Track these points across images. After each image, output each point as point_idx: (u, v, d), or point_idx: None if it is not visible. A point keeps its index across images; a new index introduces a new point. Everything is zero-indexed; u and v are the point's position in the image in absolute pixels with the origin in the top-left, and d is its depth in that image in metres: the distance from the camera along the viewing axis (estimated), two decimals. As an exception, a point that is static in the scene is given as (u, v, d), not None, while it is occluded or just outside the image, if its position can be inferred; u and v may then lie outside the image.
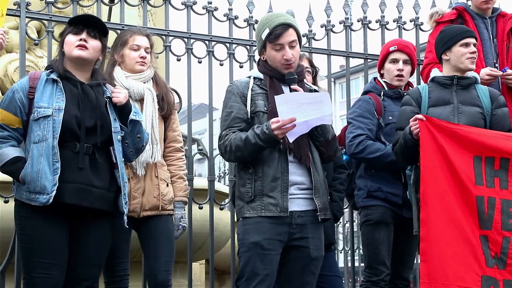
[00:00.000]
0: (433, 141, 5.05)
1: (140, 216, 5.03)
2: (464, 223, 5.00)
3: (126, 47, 5.17)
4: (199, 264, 8.83)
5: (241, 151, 4.63)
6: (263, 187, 4.64)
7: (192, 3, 6.07)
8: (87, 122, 4.52)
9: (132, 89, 5.09)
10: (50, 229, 4.43)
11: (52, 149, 4.41)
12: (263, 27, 4.75)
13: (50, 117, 4.46)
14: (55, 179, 4.38)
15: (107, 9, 6.62)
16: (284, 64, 4.72)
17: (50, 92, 4.52)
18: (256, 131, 4.58)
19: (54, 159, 4.41)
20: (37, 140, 4.45)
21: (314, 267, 4.73)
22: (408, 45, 5.86)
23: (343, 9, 6.64)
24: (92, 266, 4.55)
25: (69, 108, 4.49)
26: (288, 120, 4.51)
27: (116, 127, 4.61)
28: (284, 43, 4.70)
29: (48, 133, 4.44)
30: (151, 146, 5.05)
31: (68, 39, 4.60)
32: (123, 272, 5.04)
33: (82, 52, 4.58)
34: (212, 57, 6.12)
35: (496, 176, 5.07)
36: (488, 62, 6.02)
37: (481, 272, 4.96)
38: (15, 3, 5.59)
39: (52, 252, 4.42)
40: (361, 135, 5.56)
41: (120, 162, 4.60)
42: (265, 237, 4.61)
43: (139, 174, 5.03)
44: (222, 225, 7.18)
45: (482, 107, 5.31)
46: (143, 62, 5.16)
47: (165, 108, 5.21)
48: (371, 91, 5.78)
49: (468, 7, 6.22)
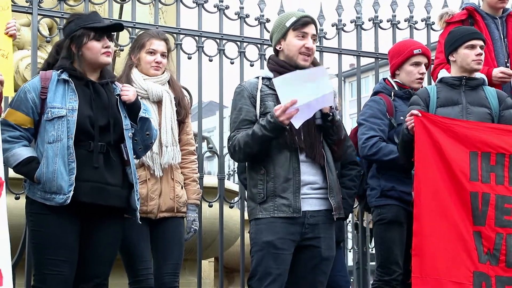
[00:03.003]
0: (427, 136, 5.07)
1: (157, 217, 5.06)
2: (457, 219, 5.02)
3: (143, 50, 5.18)
4: (208, 262, 8.84)
5: (250, 146, 4.64)
6: (275, 188, 4.65)
7: (204, 2, 6.08)
8: (100, 121, 4.54)
9: (150, 91, 5.12)
10: (62, 227, 4.44)
11: (67, 149, 4.44)
12: (288, 16, 4.83)
13: (64, 117, 4.48)
14: (72, 179, 4.41)
15: (119, 7, 6.63)
16: (303, 52, 4.74)
17: (63, 93, 4.54)
18: (262, 122, 4.59)
19: (69, 159, 4.43)
20: (52, 140, 4.47)
21: (325, 267, 4.74)
22: (428, 49, 5.89)
23: (354, 8, 6.64)
24: (103, 263, 4.56)
25: (82, 108, 4.52)
26: (290, 103, 4.50)
27: (127, 125, 4.64)
28: (308, 32, 4.77)
29: (63, 133, 4.46)
30: (172, 148, 5.10)
31: (93, 45, 4.60)
32: (146, 271, 5.03)
33: (109, 58, 4.65)
34: (223, 56, 6.14)
35: (492, 171, 5.08)
36: (499, 61, 6.01)
37: (473, 268, 4.97)
38: (27, 1, 5.61)
39: (64, 249, 4.43)
40: (374, 136, 5.54)
41: (132, 159, 4.63)
42: (278, 237, 4.62)
43: (157, 175, 5.06)
44: (232, 223, 7.20)
45: (490, 108, 5.33)
46: (158, 66, 5.19)
47: (181, 113, 5.24)
48: (381, 92, 5.77)
49: (478, 7, 6.21)
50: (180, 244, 5.13)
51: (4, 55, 4.67)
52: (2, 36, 4.73)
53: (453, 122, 5.13)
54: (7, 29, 4.74)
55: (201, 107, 6.13)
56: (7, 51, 4.70)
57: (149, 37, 5.21)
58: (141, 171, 5.04)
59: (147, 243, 5.07)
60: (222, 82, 6.12)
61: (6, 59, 4.67)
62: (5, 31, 4.74)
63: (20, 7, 5.56)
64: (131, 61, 5.23)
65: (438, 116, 5.17)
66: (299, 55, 4.75)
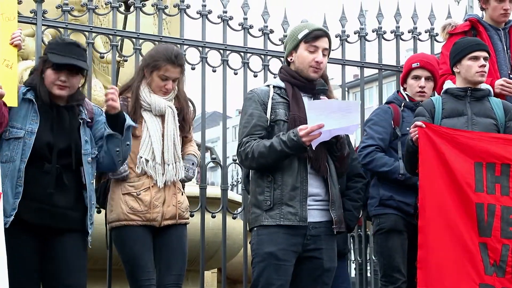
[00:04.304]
0: (432, 148, 5.07)
1: (161, 225, 5.05)
2: (463, 231, 5.01)
3: (156, 72, 5.13)
4: (211, 272, 8.82)
5: (265, 157, 4.64)
6: (282, 196, 4.65)
7: (207, 12, 6.09)
8: (60, 144, 4.56)
9: (154, 105, 5.11)
10: (19, 250, 4.42)
11: (17, 172, 4.45)
12: (302, 28, 4.84)
13: (21, 139, 4.49)
14: (16, 203, 4.42)
15: (123, 17, 6.64)
16: (313, 66, 4.76)
17: (25, 113, 4.57)
18: (283, 138, 4.60)
19: (18, 183, 4.45)
20: (4, 160, 4.48)
21: (327, 278, 4.74)
22: (430, 61, 5.87)
23: (358, 19, 6.64)
24: (70, 271, 4.55)
25: (41, 131, 4.53)
26: (317, 127, 4.53)
27: (86, 149, 4.66)
28: (319, 46, 4.79)
29: (17, 155, 4.47)
30: (174, 166, 5.09)
31: (48, 74, 4.63)
32: (148, 282, 5.00)
33: (61, 91, 4.64)
34: (226, 66, 6.14)
35: (497, 182, 5.08)
36: (502, 73, 6.01)
37: (479, 280, 4.96)
38: (31, 11, 5.62)
39: (25, 271, 4.44)
40: (371, 146, 5.59)
41: (89, 184, 4.66)
42: (280, 248, 4.62)
43: (160, 186, 5.05)
44: (235, 234, 7.18)
45: (496, 119, 5.32)
46: (167, 92, 5.17)
47: (185, 129, 5.24)
48: (392, 102, 5.82)
49: (481, 19, 6.21)
50: (183, 254, 5.12)
51: (9, 65, 4.68)
52: (8, 47, 4.74)
53: (457, 132, 5.13)
54: (13, 39, 4.75)
55: (205, 117, 6.13)
56: (12, 61, 4.71)
57: (165, 63, 5.12)
58: (144, 179, 5.05)
59: (150, 254, 5.06)
60: (226, 93, 6.13)
61: (10, 69, 4.68)
62: (10, 41, 4.75)
63: (24, 18, 5.56)
64: (143, 75, 5.17)
65: (442, 127, 5.18)
66: (309, 68, 4.77)
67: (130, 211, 4.98)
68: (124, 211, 4.98)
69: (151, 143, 5.05)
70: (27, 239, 4.50)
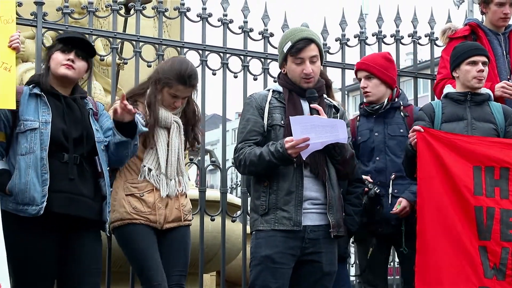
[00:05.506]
0: (430, 152, 5.08)
1: (163, 228, 5.05)
2: (462, 234, 5.02)
3: (167, 89, 5.06)
4: (210, 275, 8.82)
5: (255, 166, 4.67)
6: (277, 201, 4.66)
7: (208, 15, 6.09)
8: (73, 133, 4.59)
9: (161, 119, 5.07)
10: (39, 244, 4.45)
11: (40, 161, 4.47)
12: (285, 40, 4.80)
13: (37, 129, 4.53)
14: (45, 190, 4.44)
15: (123, 20, 6.65)
16: (304, 78, 4.75)
17: (35, 106, 4.60)
18: (271, 148, 4.60)
19: (43, 171, 4.47)
20: (24, 152, 4.50)
21: (327, 282, 4.74)
22: (365, 60, 5.73)
23: (358, 23, 6.65)
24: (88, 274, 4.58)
25: (55, 121, 4.57)
26: (302, 140, 4.53)
27: (99, 137, 4.69)
28: (305, 57, 4.74)
29: (36, 145, 4.49)
30: (178, 179, 5.09)
31: (56, 56, 4.69)
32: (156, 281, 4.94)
33: (68, 71, 4.67)
34: (226, 69, 6.14)
35: (497, 185, 5.08)
36: (502, 78, 6.01)
37: (479, 283, 4.97)
38: (32, 13, 5.62)
39: (43, 267, 4.46)
40: None
41: (105, 171, 4.68)
42: (277, 251, 4.62)
43: (163, 195, 5.03)
44: (234, 237, 7.18)
45: (495, 124, 5.32)
46: (175, 108, 5.14)
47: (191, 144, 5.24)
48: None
49: (481, 23, 6.22)
50: (186, 255, 5.11)
51: (7, 68, 4.69)
52: (6, 49, 4.75)
53: (455, 137, 5.14)
54: (11, 42, 4.76)
55: (204, 120, 6.13)
56: (10, 64, 4.72)
57: (178, 83, 5.02)
58: (147, 181, 5.03)
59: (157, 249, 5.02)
60: (225, 96, 6.13)
61: (9, 72, 4.69)
62: (8, 44, 4.76)
63: (24, 20, 5.57)
64: (156, 86, 5.08)
65: (440, 131, 5.19)
66: (301, 79, 4.77)
67: (134, 211, 4.97)
68: (127, 210, 4.96)
69: (156, 153, 5.05)
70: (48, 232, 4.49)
